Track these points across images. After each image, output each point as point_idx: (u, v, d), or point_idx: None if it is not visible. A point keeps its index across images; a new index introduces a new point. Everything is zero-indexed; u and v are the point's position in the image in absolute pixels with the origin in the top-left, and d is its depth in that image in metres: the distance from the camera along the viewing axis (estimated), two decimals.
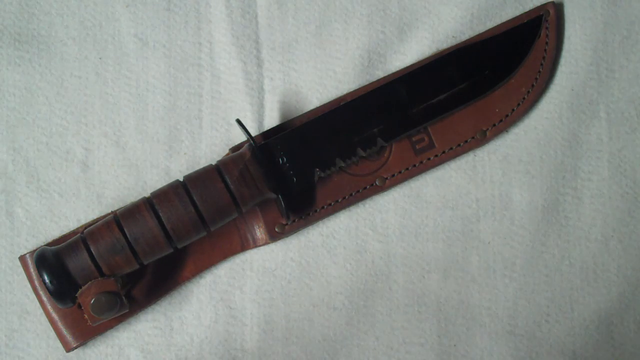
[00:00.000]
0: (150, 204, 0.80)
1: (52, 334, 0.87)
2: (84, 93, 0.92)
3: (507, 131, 0.92)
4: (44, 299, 0.85)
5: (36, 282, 0.85)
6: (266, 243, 0.89)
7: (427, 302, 0.90)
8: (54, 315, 0.85)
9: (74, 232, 0.87)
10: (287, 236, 0.89)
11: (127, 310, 0.82)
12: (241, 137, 0.90)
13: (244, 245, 0.89)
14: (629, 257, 0.91)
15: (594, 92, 0.92)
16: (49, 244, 0.86)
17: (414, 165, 0.90)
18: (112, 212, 0.85)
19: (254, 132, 0.91)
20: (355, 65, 0.92)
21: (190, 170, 0.89)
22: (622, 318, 0.91)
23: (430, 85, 0.88)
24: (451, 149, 0.90)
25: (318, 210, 0.89)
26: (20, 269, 0.87)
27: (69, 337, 0.85)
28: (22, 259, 0.86)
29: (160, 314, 0.89)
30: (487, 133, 0.91)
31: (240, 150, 0.85)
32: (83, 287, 0.78)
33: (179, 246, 0.82)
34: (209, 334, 0.89)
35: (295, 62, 0.93)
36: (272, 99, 0.92)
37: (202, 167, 0.84)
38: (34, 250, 0.85)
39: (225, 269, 0.90)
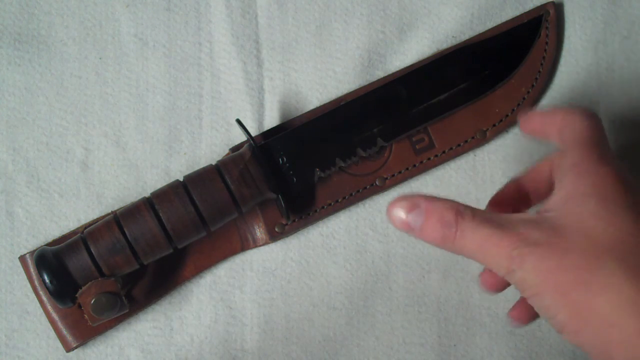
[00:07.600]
0: (150, 204, 0.80)
1: (52, 334, 0.87)
2: (84, 93, 0.92)
3: (507, 131, 0.92)
4: (44, 299, 0.85)
5: (36, 282, 0.85)
6: (266, 243, 0.89)
7: (427, 302, 0.90)
8: (54, 315, 0.85)
9: (74, 232, 0.87)
10: (287, 236, 0.89)
11: (127, 310, 0.82)
12: (241, 137, 0.90)
13: (244, 245, 0.89)
14: None
15: (594, 92, 0.92)
16: (49, 244, 0.86)
17: (414, 165, 0.90)
18: (112, 212, 0.85)
19: (254, 132, 0.91)
20: (355, 65, 0.92)
21: (190, 170, 0.89)
22: None
23: (430, 85, 0.88)
24: (451, 149, 0.90)
25: (318, 210, 0.89)
26: (20, 269, 0.87)
27: (69, 337, 0.85)
28: (22, 259, 0.86)
29: (160, 314, 0.89)
30: (487, 133, 0.91)
31: (240, 150, 0.85)
32: (83, 287, 0.78)
33: (179, 246, 0.82)
34: (209, 334, 0.89)
35: (295, 62, 0.93)
36: (272, 99, 0.92)
37: (202, 167, 0.84)
38: (34, 250, 0.85)
39: (225, 269, 0.90)
